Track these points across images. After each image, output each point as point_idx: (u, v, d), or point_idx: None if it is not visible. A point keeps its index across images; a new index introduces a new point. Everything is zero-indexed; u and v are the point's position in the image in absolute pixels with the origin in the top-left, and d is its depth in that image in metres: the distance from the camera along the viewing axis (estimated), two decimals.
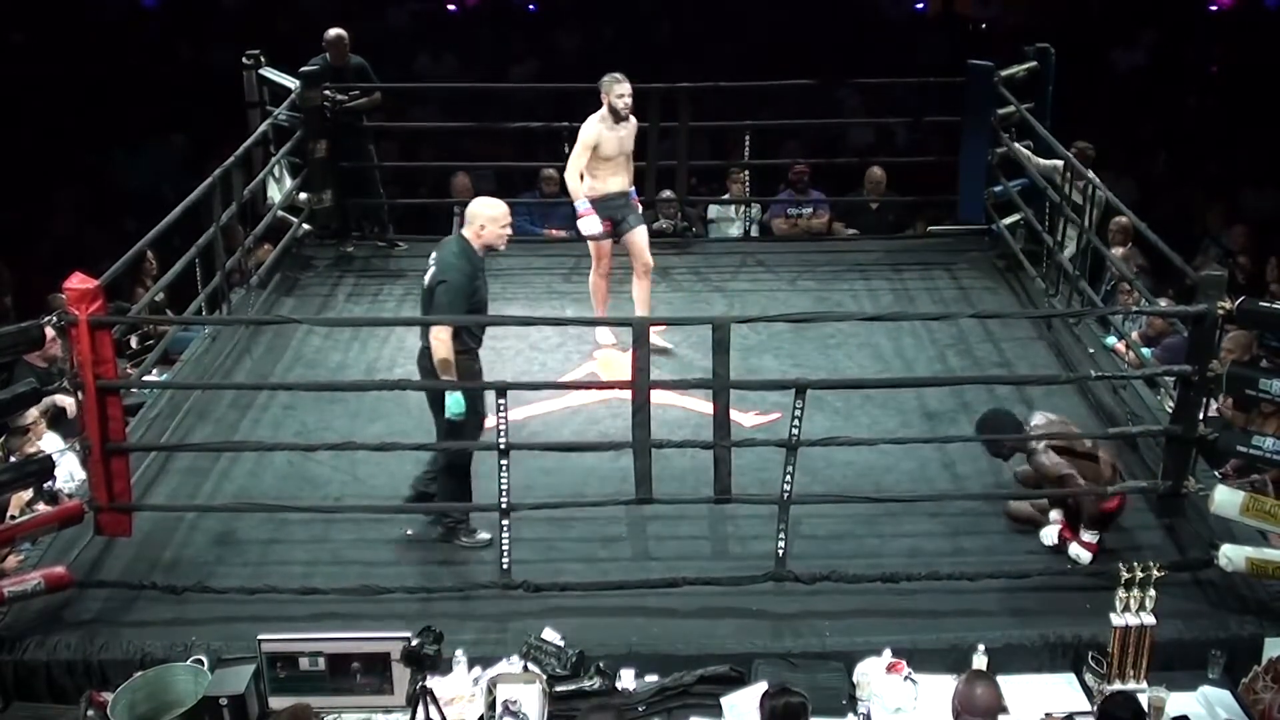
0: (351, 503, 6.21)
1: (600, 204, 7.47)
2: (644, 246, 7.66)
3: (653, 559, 5.87)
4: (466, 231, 5.78)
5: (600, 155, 7.44)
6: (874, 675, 5.06)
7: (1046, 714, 4.90)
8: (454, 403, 5.63)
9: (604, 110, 7.45)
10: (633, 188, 7.76)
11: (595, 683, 5.07)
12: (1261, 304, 5.69)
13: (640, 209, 7.88)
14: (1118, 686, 4.92)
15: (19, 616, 5.46)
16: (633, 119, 7.61)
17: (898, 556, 5.84)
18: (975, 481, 6.40)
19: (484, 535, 5.90)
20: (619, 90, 7.42)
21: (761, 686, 4.76)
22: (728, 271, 9.14)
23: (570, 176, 7.46)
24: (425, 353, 5.76)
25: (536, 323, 7.68)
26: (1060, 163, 8.05)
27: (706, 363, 5.71)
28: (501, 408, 5.60)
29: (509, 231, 5.88)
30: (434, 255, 5.81)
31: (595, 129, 7.42)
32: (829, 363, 7.63)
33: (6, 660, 5.28)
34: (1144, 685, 4.97)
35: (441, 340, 5.62)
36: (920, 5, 15.85)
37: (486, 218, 5.76)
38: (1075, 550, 5.75)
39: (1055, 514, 5.90)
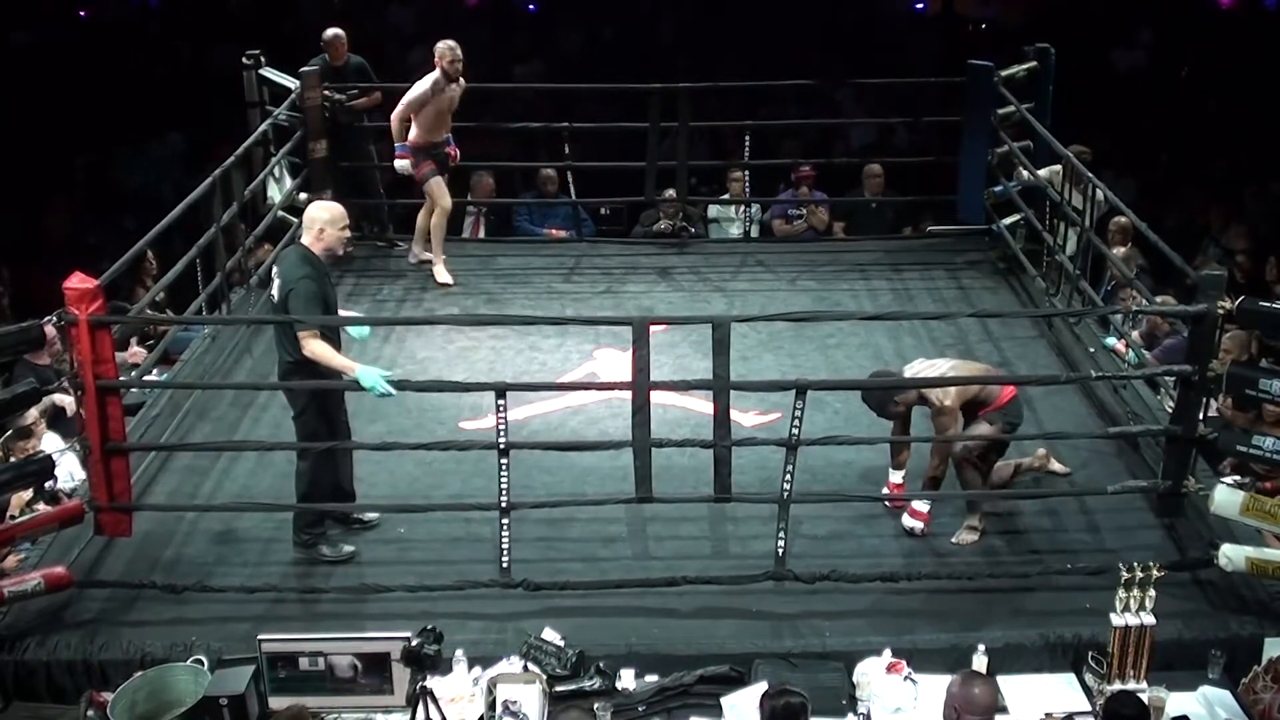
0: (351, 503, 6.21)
1: (427, 149, 8.49)
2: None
3: (653, 559, 5.88)
4: (306, 238, 5.69)
5: (437, 109, 8.41)
6: (874, 675, 5.06)
7: (1046, 714, 4.90)
8: (369, 380, 5.53)
9: (435, 73, 8.33)
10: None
11: (595, 683, 5.07)
12: (1261, 304, 5.69)
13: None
14: (1118, 686, 4.92)
15: (19, 616, 5.46)
16: (460, 81, 8.47)
17: (898, 556, 5.84)
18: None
19: (347, 548, 5.87)
20: (449, 54, 8.32)
21: (761, 686, 4.77)
22: (728, 271, 9.14)
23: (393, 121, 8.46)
24: (287, 366, 5.73)
25: (537, 322, 7.68)
26: (1059, 168, 8.05)
27: (706, 363, 5.71)
28: (501, 408, 5.60)
29: (348, 233, 5.82)
30: (275, 269, 5.74)
31: (422, 89, 8.36)
32: (829, 363, 7.63)
33: (6, 660, 5.28)
34: (1144, 685, 4.97)
35: (316, 350, 5.55)
36: (920, 5, 15.85)
37: (325, 221, 5.67)
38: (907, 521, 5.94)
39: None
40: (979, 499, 6.11)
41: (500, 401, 5.60)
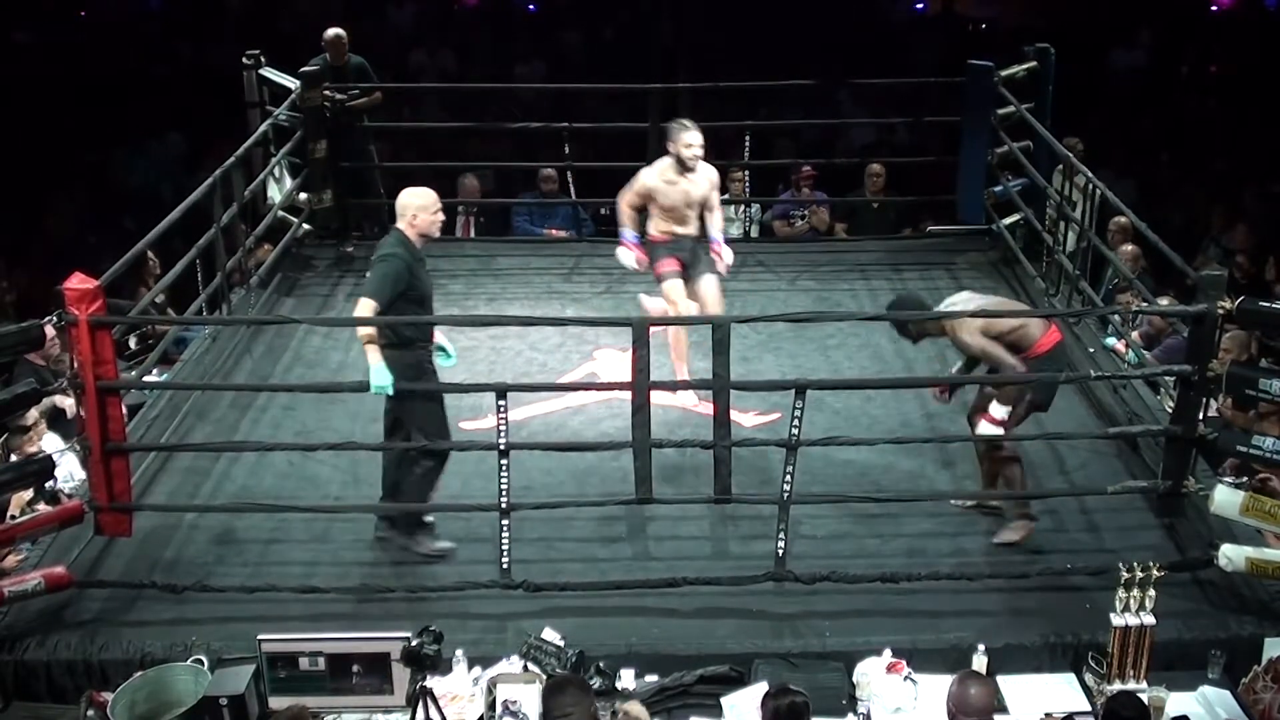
0: (351, 503, 6.22)
1: (666, 244, 6.92)
2: (711, 301, 6.93)
3: (653, 559, 5.87)
4: (400, 224, 5.76)
5: (661, 205, 6.84)
6: (874, 675, 5.06)
7: (1046, 714, 4.90)
8: (377, 375, 5.52)
9: (668, 158, 6.82)
10: (718, 236, 6.96)
11: (595, 683, 5.06)
12: (1261, 304, 5.68)
13: (718, 261, 6.99)
14: (1118, 686, 4.92)
15: (19, 616, 5.46)
16: (705, 169, 6.87)
17: (898, 556, 5.84)
18: (975, 481, 6.39)
19: (446, 544, 5.90)
20: (685, 139, 6.75)
21: (761, 686, 4.77)
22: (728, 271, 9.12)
23: (619, 202, 7.03)
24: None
25: (537, 323, 7.68)
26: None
27: (707, 363, 5.71)
28: (502, 408, 5.61)
29: (441, 217, 5.85)
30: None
31: (649, 176, 6.85)
32: (829, 363, 7.63)
33: (6, 660, 5.28)
34: (1144, 685, 4.97)
35: (364, 321, 5.56)
36: (920, 5, 15.87)
37: (416, 206, 5.74)
38: (983, 426, 5.77)
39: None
40: (985, 498, 6.12)
41: (501, 402, 5.60)
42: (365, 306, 5.57)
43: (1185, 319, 5.84)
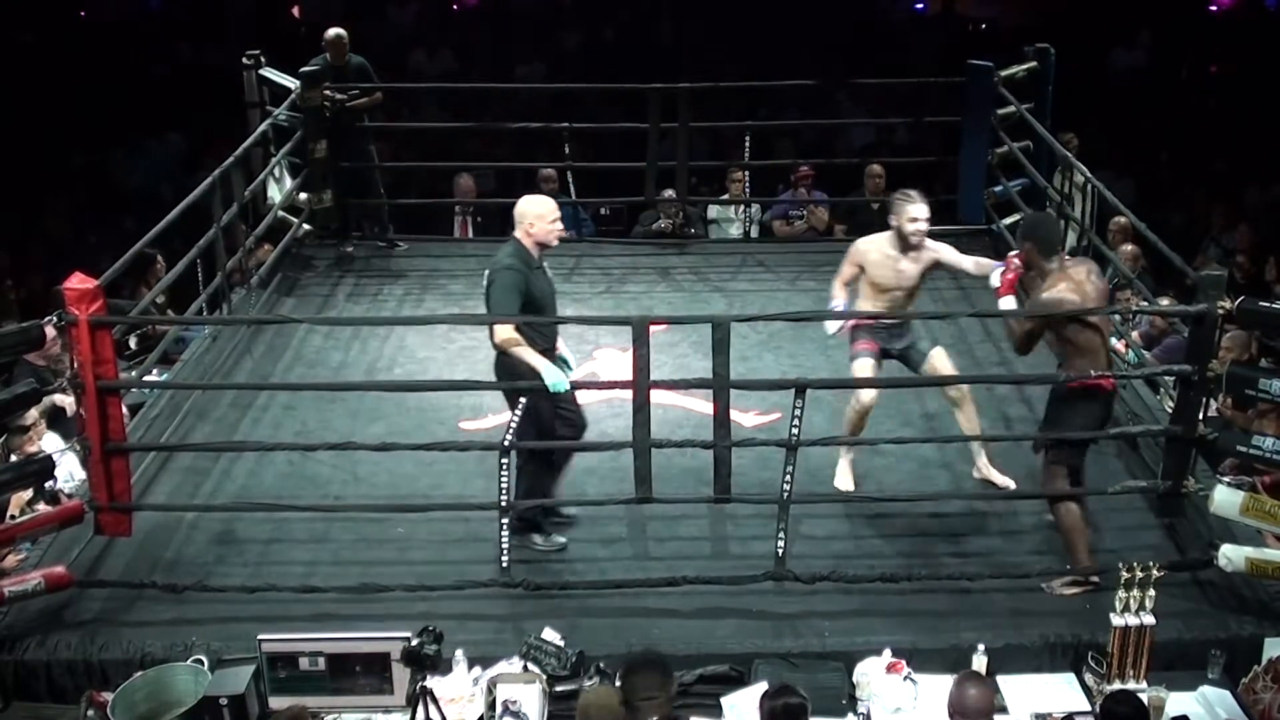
0: (351, 503, 6.22)
1: (864, 327, 6.27)
2: (945, 364, 6.31)
3: (653, 559, 5.87)
4: (517, 232, 5.76)
5: (872, 280, 6.20)
6: (874, 675, 5.06)
7: (1037, 715, 4.91)
8: (553, 379, 5.56)
9: (891, 233, 6.14)
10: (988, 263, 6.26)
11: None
12: (1261, 304, 5.68)
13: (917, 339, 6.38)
14: (1118, 686, 4.92)
15: (19, 616, 5.46)
16: (932, 249, 6.15)
17: (898, 556, 5.84)
18: (975, 481, 6.40)
19: (559, 539, 5.93)
20: (910, 212, 6.08)
21: (761, 686, 4.76)
22: (728, 271, 9.14)
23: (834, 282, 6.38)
24: (498, 361, 5.75)
25: (537, 322, 7.65)
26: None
27: (706, 363, 5.71)
28: (519, 405, 5.65)
29: (559, 227, 5.80)
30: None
31: (866, 247, 6.21)
32: (829, 363, 7.63)
33: (6, 660, 5.28)
34: (1144, 685, 4.97)
35: (505, 339, 5.59)
36: (920, 5, 15.88)
37: (534, 215, 5.73)
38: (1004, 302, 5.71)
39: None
40: (979, 498, 6.12)
41: (522, 399, 5.64)
42: (505, 328, 5.57)
43: (1185, 319, 5.84)
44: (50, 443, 6.42)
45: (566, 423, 5.88)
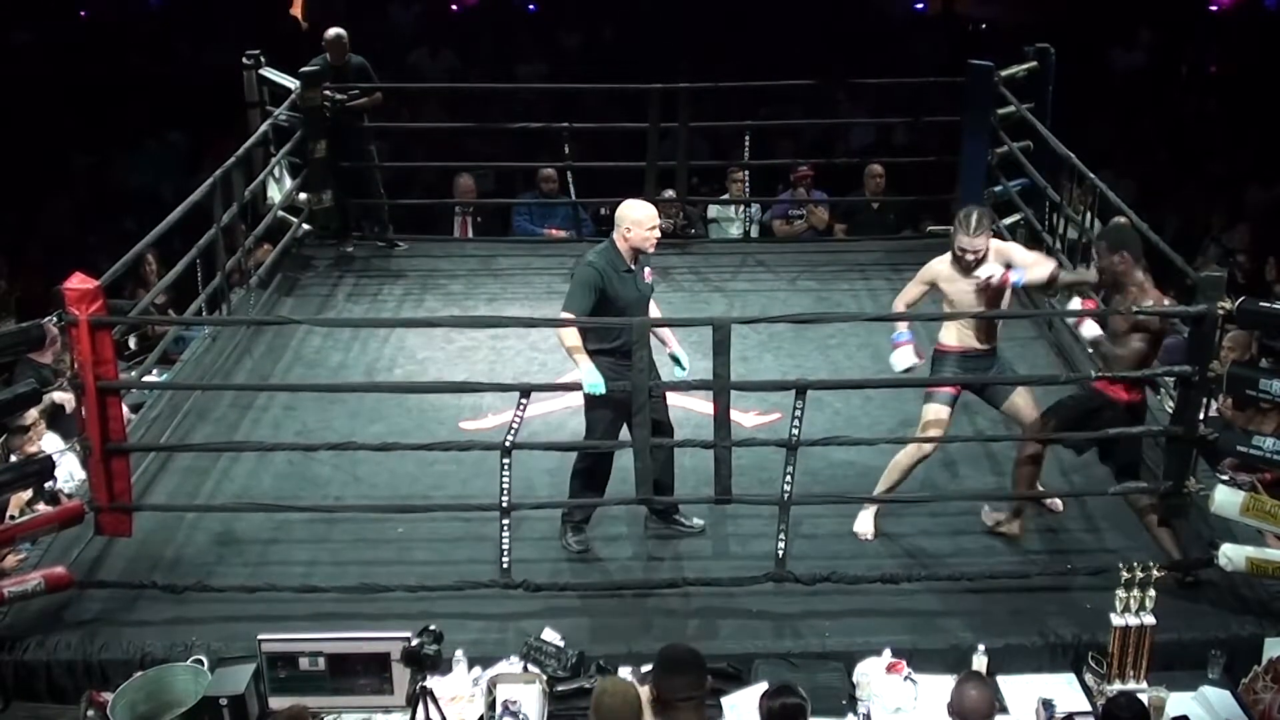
0: (351, 503, 6.22)
1: (955, 358, 5.99)
2: (1028, 412, 5.96)
3: (653, 559, 5.87)
4: (615, 234, 5.73)
5: (949, 300, 5.94)
6: (874, 675, 5.06)
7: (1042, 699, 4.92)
8: (589, 376, 5.57)
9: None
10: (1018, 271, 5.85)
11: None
12: (1261, 304, 5.68)
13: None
14: (1118, 687, 4.92)
15: (19, 616, 5.46)
16: (994, 265, 5.79)
17: (898, 556, 5.84)
18: (975, 481, 6.41)
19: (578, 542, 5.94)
20: (960, 241, 5.83)
21: (761, 686, 4.75)
22: (728, 271, 9.14)
23: (896, 300, 6.15)
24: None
25: (537, 324, 7.64)
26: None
27: (707, 363, 5.71)
28: (522, 406, 5.67)
29: (655, 235, 5.70)
30: None
31: (937, 265, 5.99)
32: (829, 363, 7.63)
33: (6, 660, 5.28)
34: (1144, 685, 4.98)
35: (562, 331, 5.62)
36: (920, 5, 15.87)
37: (631, 220, 5.68)
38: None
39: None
40: (980, 499, 6.12)
41: (524, 400, 5.66)
42: (565, 330, 5.60)
43: (1185, 319, 5.84)
44: (50, 443, 6.42)
45: (654, 425, 5.73)
